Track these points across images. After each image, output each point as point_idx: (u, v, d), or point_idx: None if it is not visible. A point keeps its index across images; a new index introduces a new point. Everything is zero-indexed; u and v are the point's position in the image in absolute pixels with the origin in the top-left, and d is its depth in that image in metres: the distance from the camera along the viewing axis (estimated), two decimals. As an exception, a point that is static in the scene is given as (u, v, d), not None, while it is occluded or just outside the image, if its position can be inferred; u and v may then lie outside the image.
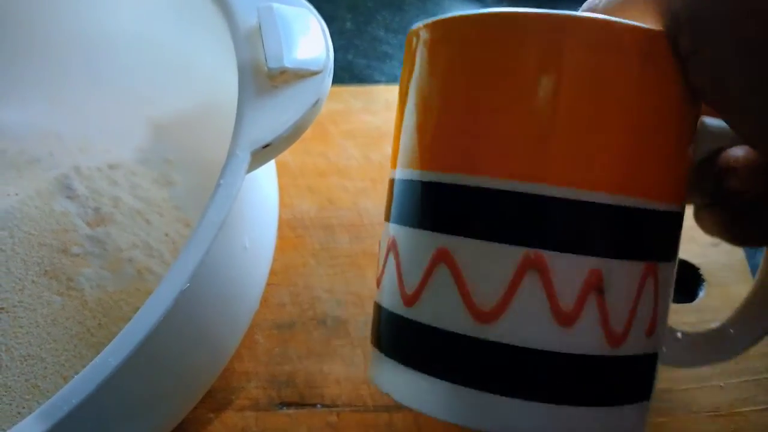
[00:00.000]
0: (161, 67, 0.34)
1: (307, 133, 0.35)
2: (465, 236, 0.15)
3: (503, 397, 0.14)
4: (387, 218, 0.19)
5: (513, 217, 0.14)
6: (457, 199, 0.15)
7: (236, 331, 0.26)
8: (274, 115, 0.21)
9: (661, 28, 0.16)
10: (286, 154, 0.36)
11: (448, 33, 0.16)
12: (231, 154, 0.21)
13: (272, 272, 0.31)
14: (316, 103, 0.22)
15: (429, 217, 0.15)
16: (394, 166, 0.19)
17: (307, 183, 0.35)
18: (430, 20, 0.17)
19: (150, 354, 0.19)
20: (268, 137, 0.21)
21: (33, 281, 0.27)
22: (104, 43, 0.35)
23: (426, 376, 0.15)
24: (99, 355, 0.18)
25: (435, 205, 0.15)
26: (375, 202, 0.34)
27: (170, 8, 0.31)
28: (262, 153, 0.21)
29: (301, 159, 0.36)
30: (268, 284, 0.30)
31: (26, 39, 0.35)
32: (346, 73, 0.42)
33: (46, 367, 0.26)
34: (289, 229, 0.33)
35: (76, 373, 0.26)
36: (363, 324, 0.30)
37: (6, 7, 0.34)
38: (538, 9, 0.15)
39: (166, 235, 0.31)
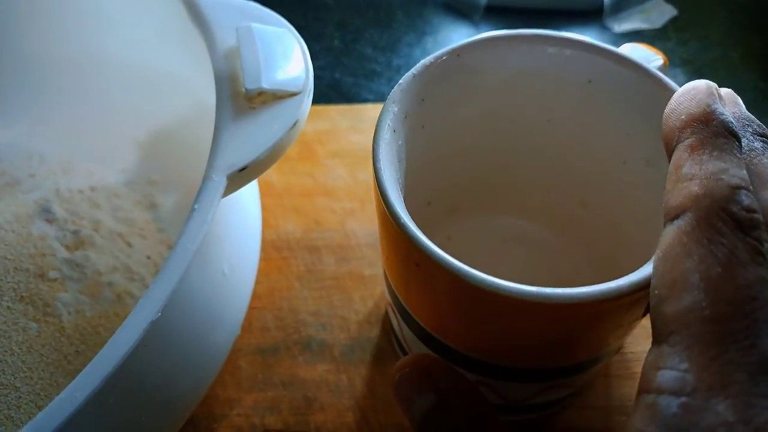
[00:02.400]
0: (146, 87, 0.33)
1: (293, 152, 0.34)
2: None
3: None
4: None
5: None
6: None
7: (216, 358, 0.26)
8: (251, 138, 0.21)
9: None
10: (272, 174, 0.36)
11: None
12: (206, 177, 0.20)
13: (256, 295, 0.30)
14: (295, 125, 0.21)
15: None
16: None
17: (292, 203, 0.34)
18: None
19: (121, 386, 0.18)
20: (244, 160, 0.20)
21: (8, 307, 0.26)
22: (89, 63, 0.34)
23: None
24: (65, 390, 0.17)
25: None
26: (362, 223, 0.34)
27: (153, 29, 0.31)
28: (239, 176, 0.20)
29: (286, 179, 0.35)
30: (252, 308, 0.30)
31: (11, 59, 0.35)
32: (334, 91, 0.41)
33: (20, 397, 0.25)
34: (274, 250, 0.33)
35: (52, 403, 0.25)
36: (349, 349, 0.30)
37: (-9, 28, 0.34)
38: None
39: (148, 257, 0.30)
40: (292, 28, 0.24)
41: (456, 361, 0.23)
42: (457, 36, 0.44)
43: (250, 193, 0.28)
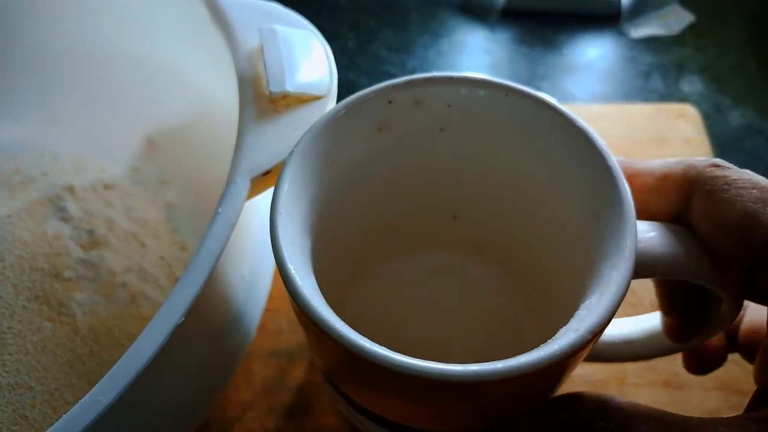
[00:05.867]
0: (160, 86, 0.33)
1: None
2: None
3: None
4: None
5: None
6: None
7: (232, 361, 0.26)
8: (275, 141, 0.21)
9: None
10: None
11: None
12: (230, 181, 0.20)
13: (270, 297, 0.30)
14: (319, 129, 0.21)
15: None
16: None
17: (307, 205, 0.34)
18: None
19: (142, 391, 0.18)
20: (268, 164, 0.20)
21: (23, 306, 0.26)
22: (103, 61, 0.34)
23: None
24: (89, 393, 0.17)
25: None
26: (376, 226, 0.33)
27: (170, 27, 0.30)
28: (263, 180, 0.20)
29: (301, 180, 0.35)
30: (266, 310, 0.30)
31: (24, 56, 0.35)
32: (348, 92, 0.41)
33: (34, 397, 0.25)
34: (289, 252, 0.33)
35: (66, 403, 0.25)
36: (363, 352, 0.30)
37: (4, 24, 0.34)
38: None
39: (162, 258, 0.30)
40: (316, 30, 0.24)
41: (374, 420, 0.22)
42: (472, 38, 0.44)
43: (268, 194, 0.28)
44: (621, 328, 0.24)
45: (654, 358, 0.23)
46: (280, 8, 0.25)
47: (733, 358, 0.29)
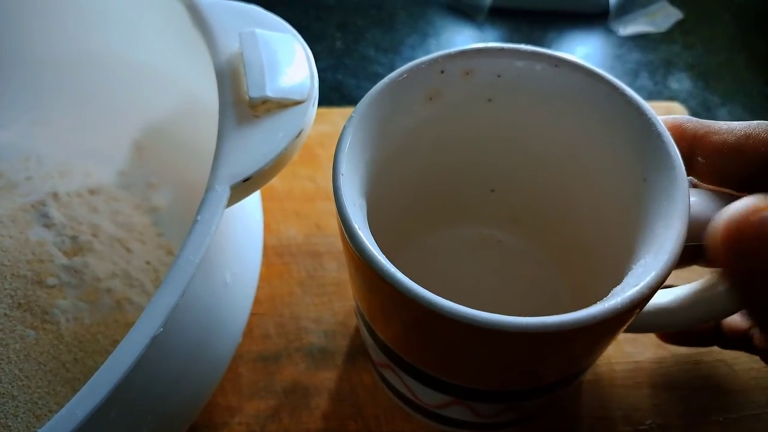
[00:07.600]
0: (148, 88, 0.33)
1: (295, 156, 0.34)
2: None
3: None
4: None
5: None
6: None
7: (218, 367, 0.25)
8: (255, 147, 0.20)
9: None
10: (273, 178, 0.36)
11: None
12: (209, 188, 0.20)
13: (257, 301, 0.30)
14: (300, 134, 0.21)
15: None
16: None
17: (294, 208, 0.34)
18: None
19: (122, 401, 0.18)
20: (248, 171, 0.20)
21: (5, 314, 0.26)
22: (89, 64, 0.34)
23: None
24: (65, 406, 0.16)
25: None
26: (364, 228, 0.33)
27: (155, 31, 0.30)
28: (242, 187, 0.20)
29: (288, 183, 0.35)
30: (253, 314, 0.29)
31: (11, 59, 0.35)
32: (336, 93, 0.41)
33: (17, 406, 0.25)
34: (275, 255, 0.32)
35: (50, 411, 0.25)
36: (351, 356, 0.29)
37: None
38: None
39: (148, 263, 0.30)
40: (297, 34, 0.23)
41: (415, 376, 0.22)
42: (461, 38, 0.44)
43: (252, 198, 0.27)
44: (661, 298, 0.24)
45: (694, 326, 0.23)
46: (261, 11, 0.25)
47: (723, 358, 0.29)
